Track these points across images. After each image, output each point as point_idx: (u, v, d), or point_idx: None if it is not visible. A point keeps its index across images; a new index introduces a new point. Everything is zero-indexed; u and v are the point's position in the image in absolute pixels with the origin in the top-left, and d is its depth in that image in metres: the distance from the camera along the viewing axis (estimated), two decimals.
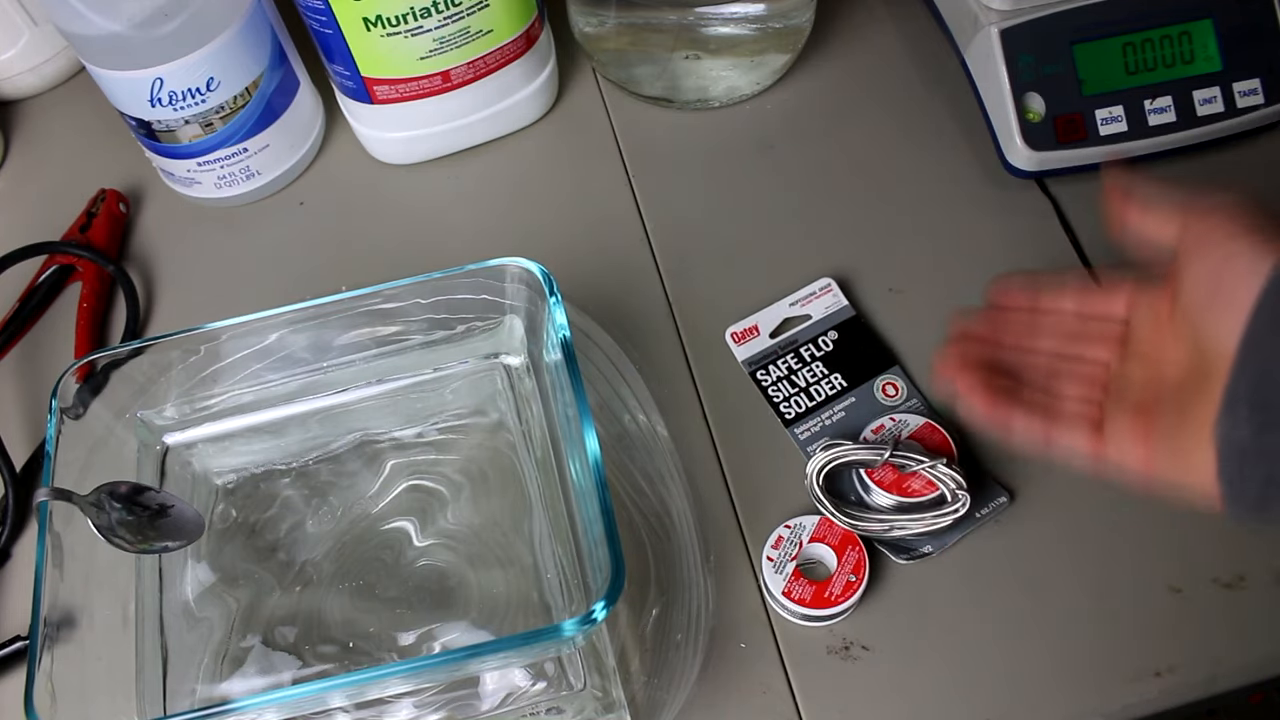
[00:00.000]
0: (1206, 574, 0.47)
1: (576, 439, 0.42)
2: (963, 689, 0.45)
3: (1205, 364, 0.36)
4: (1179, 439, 0.37)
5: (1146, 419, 0.39)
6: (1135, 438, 0.39)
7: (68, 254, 0.60)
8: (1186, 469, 0.37)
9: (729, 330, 0.55)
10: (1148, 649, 0.45)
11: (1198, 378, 0.36)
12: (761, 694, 0.46)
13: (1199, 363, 0.37)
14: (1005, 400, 0.42)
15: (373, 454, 0.50)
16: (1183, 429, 0.37)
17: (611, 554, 0.38)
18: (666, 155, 0.63)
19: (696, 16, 0.61)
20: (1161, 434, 0.38)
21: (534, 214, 0.61)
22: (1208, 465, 0.35)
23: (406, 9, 0.54)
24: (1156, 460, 0.38)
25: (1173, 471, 0.38)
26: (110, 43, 0.53)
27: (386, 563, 0.47)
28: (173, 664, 0.45)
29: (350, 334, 0.49)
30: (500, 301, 0.49)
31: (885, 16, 0.67)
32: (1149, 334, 0.41)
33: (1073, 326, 0.43)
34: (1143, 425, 0.39)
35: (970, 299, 0.56)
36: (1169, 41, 0.56)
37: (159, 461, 0.50)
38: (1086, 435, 0.40)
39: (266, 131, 0.61)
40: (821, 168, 0.61)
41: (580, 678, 0.44)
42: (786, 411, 0.52)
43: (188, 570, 0.47)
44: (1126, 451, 0.39)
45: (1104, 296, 0.43)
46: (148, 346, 0.47)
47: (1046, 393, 0.42)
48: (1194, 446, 0.36)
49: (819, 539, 0.47)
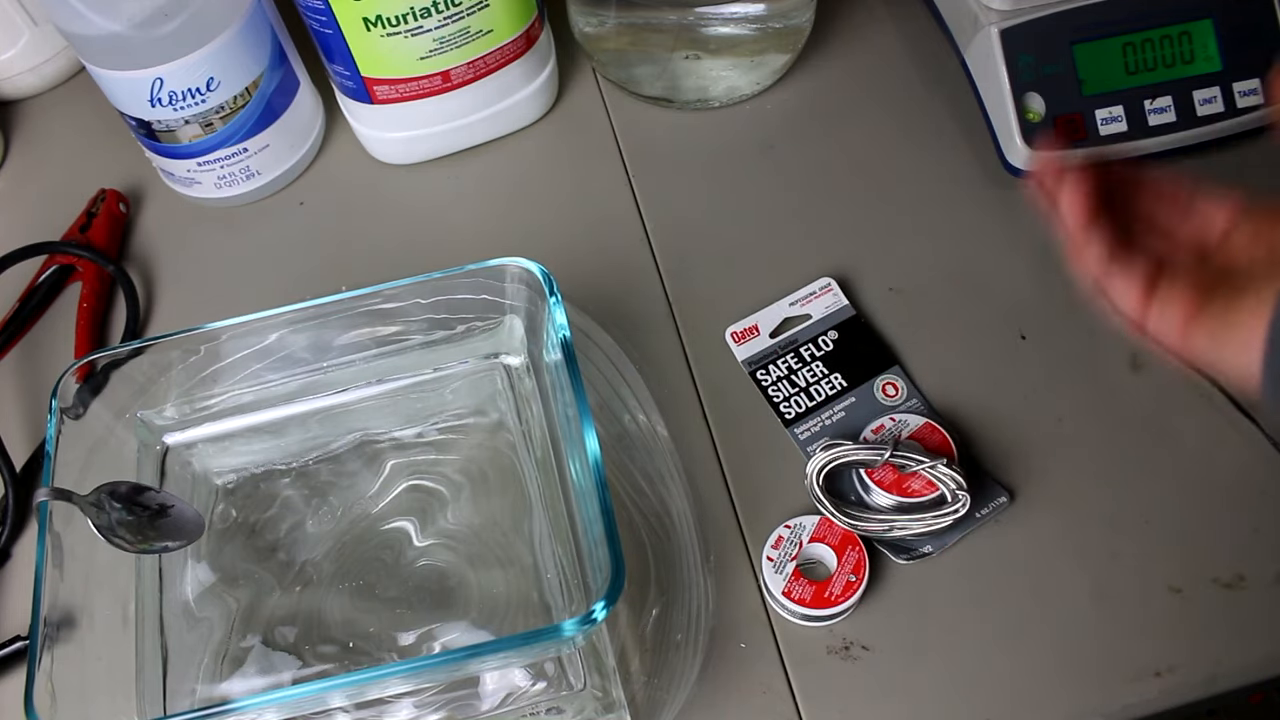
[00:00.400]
0: (1206, 574, 0.47)
1: (576, 439, 0.42)
2: (963, 689, 0.45)
3: None
4: (1228, 313, 0.36)
5: (1200, 294, 0.38)
6: (1183, 307, 0.38)
7: (68, 254, 0.60)
8: (1228, 345, 0.36)
9: (729, 330, 0.55)
10: (1148, 649, 0.45)
11: (1266, 267, 0.36)
12: (761, 694, 0.46)
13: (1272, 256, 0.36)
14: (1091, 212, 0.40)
15: (373, 454, 0.50)
16: (1235, 304, 0.36)
17: (611, 554, 0.38)
18: (666, 155, 0.63)
19: (696, 16, 0.61)
20: (1212, 310, 0.37)
21: (534, 214, 0.61)
22: (1251, 343, 0.35)
23: (406, 9, 0.54)
24: (1199, 332, 0.37)
25: (1211, 346, 0.37)
26: (110, 43, 0.53)
27: (386, 563, 0.47)
28: (173, 664, 0.45)
29: (350, 334, 0.49)
30: (500, 301, 0.49)
31: (885, 16, 0.67)
32: (1242, 244, 0.39)
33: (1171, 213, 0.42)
34: (1195, 299, 0.38)
35: (970, 299, 0.56)
36: (1169, 41, 0.56)
37: (159, 461, 0.50)
38: (1139, 289, 0.39)
39: (266, 131, 0.61)
40: (821, 168, 0.61)
41: (580, 678, 0.44)
42: (786, 411, 0.52)
43: (188, 570, 0.47)
44: (1169, 318, 0.38)
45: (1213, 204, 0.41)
46: (148, 346, 0.47)
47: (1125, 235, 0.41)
48: (1243, 321, 0.35)
49: (819, 539, 0.47)
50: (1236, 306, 0.36)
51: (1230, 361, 0.36)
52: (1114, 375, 0.52)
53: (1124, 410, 0.51)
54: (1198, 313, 0.37)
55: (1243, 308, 0.36)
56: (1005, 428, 0.51)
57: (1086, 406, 0.52)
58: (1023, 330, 0.54)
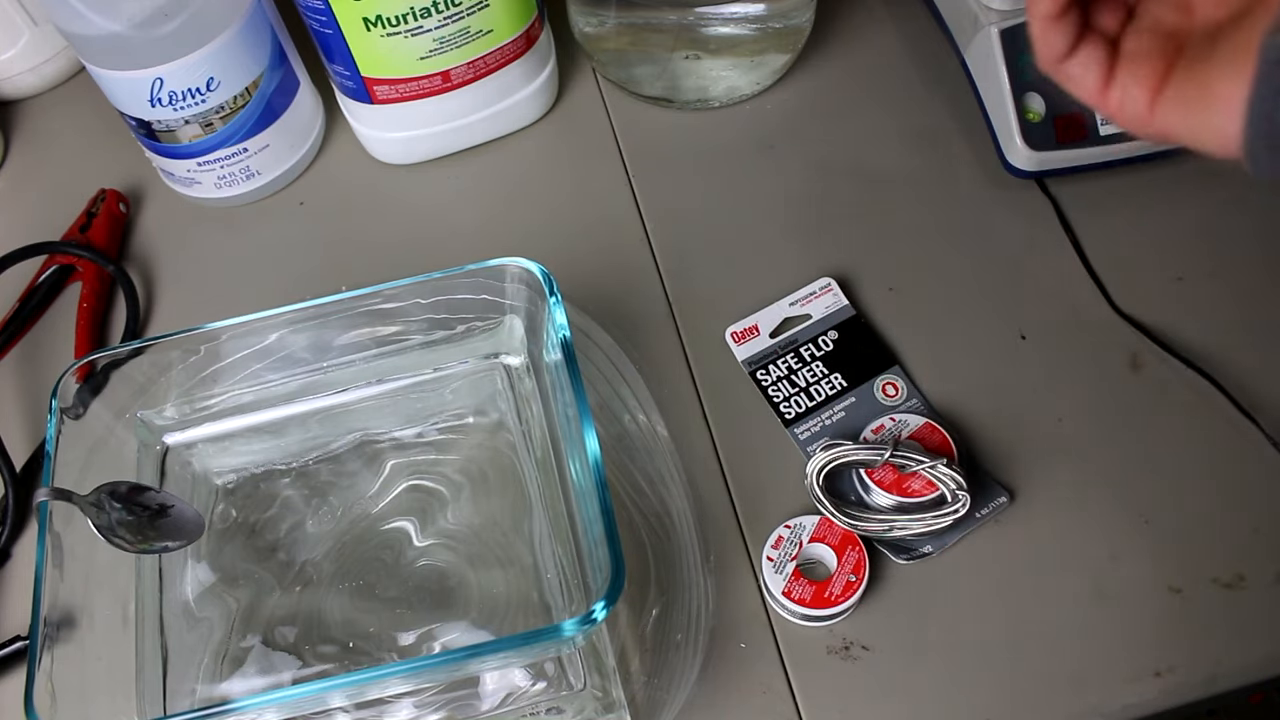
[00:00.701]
0: (1206, 574, 0.47)
1: (576, 439, 0.42)
2: (963, 689, 0.45)
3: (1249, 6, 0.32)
4: (1199, 80, 0.33)
5: (1168, 58, 0.35)
6: (1148, 84, 0.35)
7: (68, 254, 0.60)
8: (1201, 112, 0.33)
9: (729, 330, 0.55)
10: (1148, 649, 0.45)
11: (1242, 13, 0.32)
12: (761, 694, 0.46)
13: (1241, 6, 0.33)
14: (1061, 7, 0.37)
15: (373, 454, 0.50)
16: (1205, 69, 0.33)
17: (611, 554, 0.38)
18: (666, 155, 0.63)
19: (696, 16, 0.61)
20: (1182, 72, 0.34)
21: (534, 214, 0.61)
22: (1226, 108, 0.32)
23: (406, 9, 0.54)
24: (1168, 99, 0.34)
25: (1184, 117, 0.34)
26: (110, 43, 0.53)
27: (386, 563, 0.47)
28: (173, 664, 0.45)
29: (350, 334, 0.49)
30: (500, 301, 0.49)
31: (885, 16, 0.67)
32: None
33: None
34: (1159, 71, 0.35)
35: (970, 299, 0.56)
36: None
37: (159, 461, 0.50)
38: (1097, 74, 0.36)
39: (266, 131, 0.61)
40: (821, 168, 0.61)
41: (580, 678, 0.44)
42: (786, 411, 0.52)
43: (188, 570, 0.47)
44: (1134, 98, 0.35)
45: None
46: (148, 346, 0.47)
47: None
48: (1215, 85, 0.32)
49: (819, 539, 0.47)
50: (1207, 71, 0.33)
51: (1205, 130, 0.33)
52: (1114, 375, 0.52)
53: (1124, 410, 0.51)
54: (1164, 86, 0.35)
55: (1214, 72, 0.33)
56: (1005, 428, 0.51)
57: (1086, 406, 0.52)
58: (1023, 330, 0.54)
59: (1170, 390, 0.52)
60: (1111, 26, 0.37)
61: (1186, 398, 0.51)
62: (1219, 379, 0.51)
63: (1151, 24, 0.36)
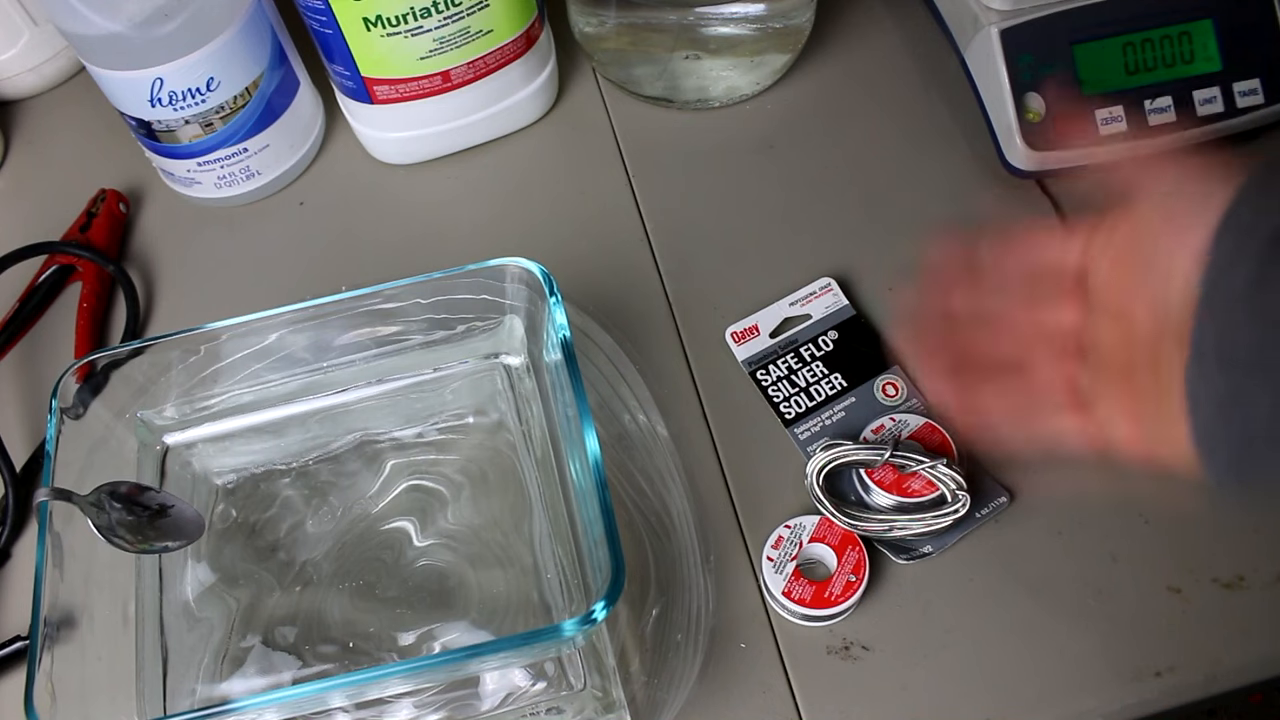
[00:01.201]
0: (1206, 574, 0.47)
1: (576, 439, 0.42)
2: (963, 689, 0.45)
3: (1171, 313, 0.32)
4: (1158, 401, 0.32)
5: (1127, 385, 0.34)
6: (1120, 409, 0.34)
7: (68, 254, 0.60)
8: (1168, 434, 0.32)
9: (729, 330, 0.55)
10: (1148, 649, 0.45)
11: (1167, 329, 0.32)
12: (761, 694, 0.46)
13: (1165, 312, 0.32)
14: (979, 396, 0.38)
15: (373, 454, 0.50)
16: (1159, 389, 0.32)
17: (611, 554, 0.38)
18: (666, 155, 0.63)
19: (696, 16, 0.61)
20: (1142, 400, 0.33)
21: (534, 214, 0.61)
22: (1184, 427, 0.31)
23: (406, 9, 0.54)
24: (1144, 432, 0.34)
25: (1157, 440, 0.33)
26: (110, 43, 0.53)
27: (386, 563, 0.47)
28: (173, 664, 0.45)
29: (350, 334, 0.49)
30: (500, 301, 0.49)
31: (885, 16, 0.67)
32: (1111, 281, 0.35)
33: (1026, 283, 0.38)
34: (1126, 393, 0.34)
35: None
36: (1169, 41, 0.56)
37: (159, 461, 0.50)
38: (1073, 415, 0.36)
39: (266, 131, 0.61)
40: (821, 168, 0.61)
41: (580, 678, 0.44)
42: (786, 411, 0.52)
43: (188, 570, 0.47)
44: (1115, 426, 0.35)
45: (1057, 243, 0.37)
46: (148, 346, 0.47)
47: (1018, 371, 0.37)
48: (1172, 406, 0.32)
49: (819, 539, 0.47)
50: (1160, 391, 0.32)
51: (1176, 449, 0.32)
52: None
53: None
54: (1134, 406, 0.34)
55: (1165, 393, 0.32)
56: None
57: None
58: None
59: None
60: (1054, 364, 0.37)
61: None
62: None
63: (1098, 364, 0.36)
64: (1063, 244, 0.37)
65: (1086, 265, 0.37)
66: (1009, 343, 0.38)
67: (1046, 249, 0.38)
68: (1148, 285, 0.34)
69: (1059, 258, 0.37)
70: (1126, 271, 0.35)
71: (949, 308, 0.39)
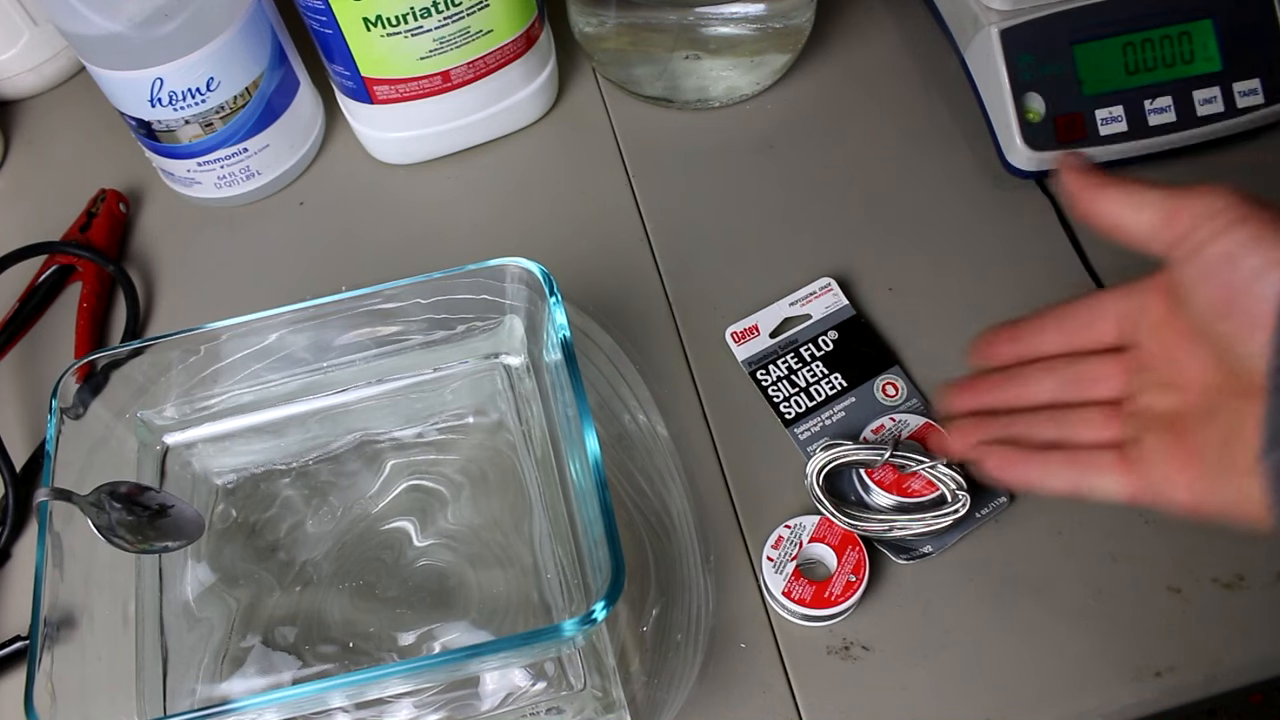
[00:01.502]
0: (1206, 574, 0.47)
1: (576, 439, 0.42)
2: (963, 689, 0.45)
3: (1237, 379, 0.32)
4: (1227, 464, 0.33)
5: (1184, 446, 0.35)
6: (1176, 466, 0.35)
7: (68, 254, 0.60)
8: (1238, 495, 0.33)
9: (729, 330, 0.55)
10: (1148, 649, 0.45)
11: (1233, 395, 0.33)
12: (761, 694, 0.46)
13: (1229, 378, 0.33)
14: (1024, 462, 0.39)
15: (373, 454, 0.50)
16: (1230, 454, 0.33)
17: (611, 554, 0.38)
18: (666, 155, 0.63)
19: (696, 16, 0.61)
20: (1207, 462, 0.34)
21: (534, 214, 0.61)
22: (1258, 490, 0.32)
23: (406, 9, 0.54)
24: (1205, 489, 0.35)
25: (1224, 499, 0.34)
26: (110, 43, 0.53)
27: (386, 563, 0.47)
28: (173, 664, 0.45)
29: (350, 334, 0.49)
30: (500, 301, 0.49)
31: (885, 16, 0.67)
32: (1158, 353, 0.37)
33: (1066, 369, 0.39)
34: (1181, 452, 0.35)
35: (970, 299, 0.56)
36: (1169, 41, 0.56)
37: (159, 461, 0.50)
38: (1118, 473, 0.37)
39: (266, 131, 0.61)
40: (821, 168, 0.61)
41: (580, 678, 0.44)
42: (786, 411, 0.52)
43: (188, 570, 0.47)
44: (1169, 483, 0.36)
45: (1087, 322, 0.39)
46: (148, 346, 0.47)
47: (1062, 444, 0.39)
48: (1243, 470, 0.32)
49: (819, 539, 0.47)
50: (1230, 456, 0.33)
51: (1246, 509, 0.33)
52: None
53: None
54: (1192, 466, 0.35)
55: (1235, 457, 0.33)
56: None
57: None
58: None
59: None
60: (1102, 435, 0.38)
61: None
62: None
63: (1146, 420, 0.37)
64: (1093, 319, 0.38)
65: (1126, 338, 0.38)
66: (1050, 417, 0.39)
67: (1078, 327, 0.39)
68: (1203, 354, 0.34)
69: (1093, 335, 0.38)
70: (1175, 342, 0.36)
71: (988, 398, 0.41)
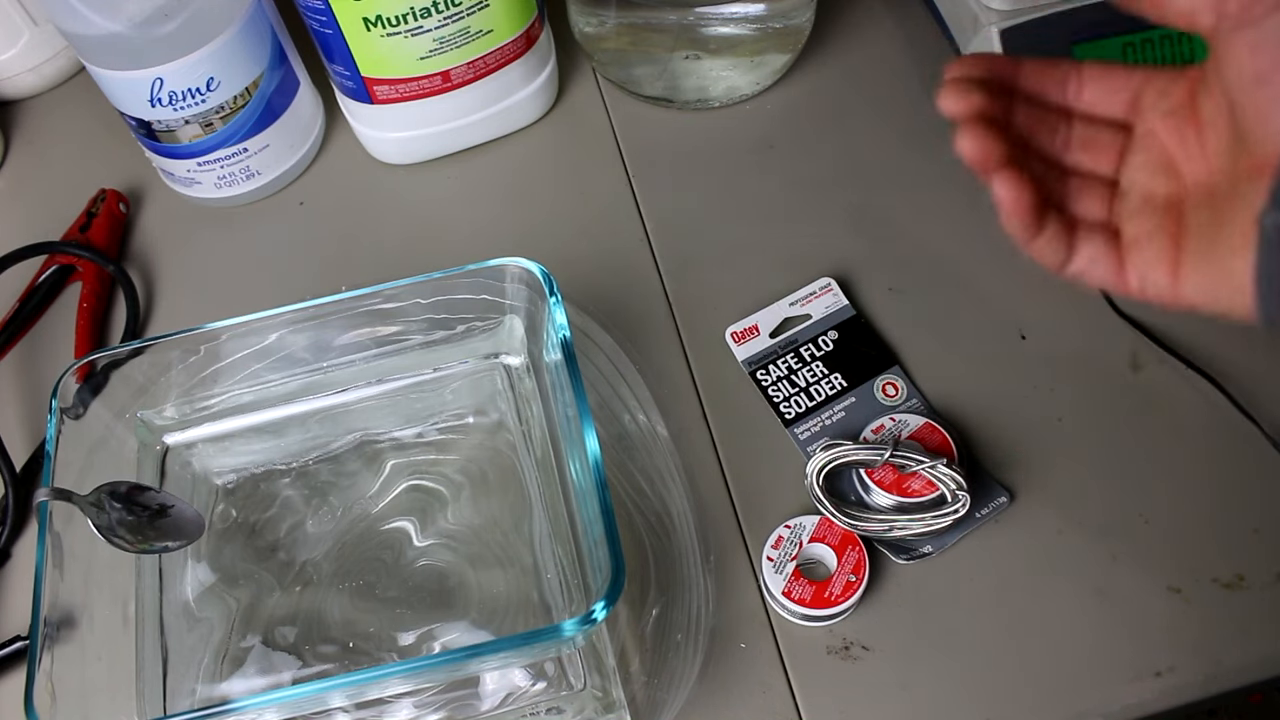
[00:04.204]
0: (1206, 574, 0.47)
1: (576, 439, 0.42)
2: (963, 689, 0.45)
3: (1250, 160, 0.31)
4: (1218, 246, 0.32)
5: (1177, 229, 0.34)
6: (1165, 251, 0.34)
7: (68, 254, 0.60)
8: (1222, 282, 0.32)
9: (729, 330, 0.55)
10: (1148, 649, 0.45)
11: (1238, 178, 0.32)
12: (761, 694, 0.46)
13: (1239, 160, 0.32)
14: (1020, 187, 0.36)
15: (373, 454, 0.50)
16: (1222, 234, 0.32)
17: (611, 554, 0.38)
18: (666, 155, 0.63)
19: (696, 16, 0.61)
20: (1197, 245, 0.33)
21: (534, 214, 0.61)
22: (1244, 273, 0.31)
23: (406, 9, 0.54)
24: (1190, 273, 0.33)
25: (1207, 287, 0.33)
26: (110, 43, 0.53)
27: (386, 563, 0.47)
28: (173, 664, 0.45)
29: (350, 334, 0.49)
30: (500, 301, 0.49)
31: (885, 16, 0.67)
32: (1166, 136, 0.35)
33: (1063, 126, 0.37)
34: (1172, 235, 0.34)
35: (970, 299, 0.56)
36: (1169, 42, 0.56)
37: (159, 461, 0.50)
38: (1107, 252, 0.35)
39: (266, 131, 0.61)
40: (821, 168, 0.61)
41: (580, 678, 0.44)
42: (786, 411, 0.52)
43: (188, 570, 0.47)
44: (1155, 268, 0.34)
45: (1102, 90, 0.36)
46: (148, 346, 0.47)
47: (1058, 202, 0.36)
48: (1235, 249, 0.31)
49: (819, 539, 0.47)
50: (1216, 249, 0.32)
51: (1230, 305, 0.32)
52: (1114, 375, 0.52)
53: (1124, 410, 0.51)
54: (1179, 264, 0.34)
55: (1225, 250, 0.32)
56: (1005, 428, 0.51)
57: (1086, 406, 0.52)
58: (1023, 330, 0.54)
59: (1170, 390, 0.52)
60: (1099, 212, 0.36)
61: (1186, 398, 0.51)
62: (1219, 379, 0.51)
63: (1142, 199, 0.35)
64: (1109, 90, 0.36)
65: (1136, 120, 0.36)
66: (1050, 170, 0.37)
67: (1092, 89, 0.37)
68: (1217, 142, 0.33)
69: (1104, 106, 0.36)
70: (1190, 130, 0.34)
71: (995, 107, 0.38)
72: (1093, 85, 0.37)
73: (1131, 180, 0.36)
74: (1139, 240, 0.35)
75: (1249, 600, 0.46)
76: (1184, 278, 0.34)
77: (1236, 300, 0.32)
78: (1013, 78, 0.38)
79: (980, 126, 0.37)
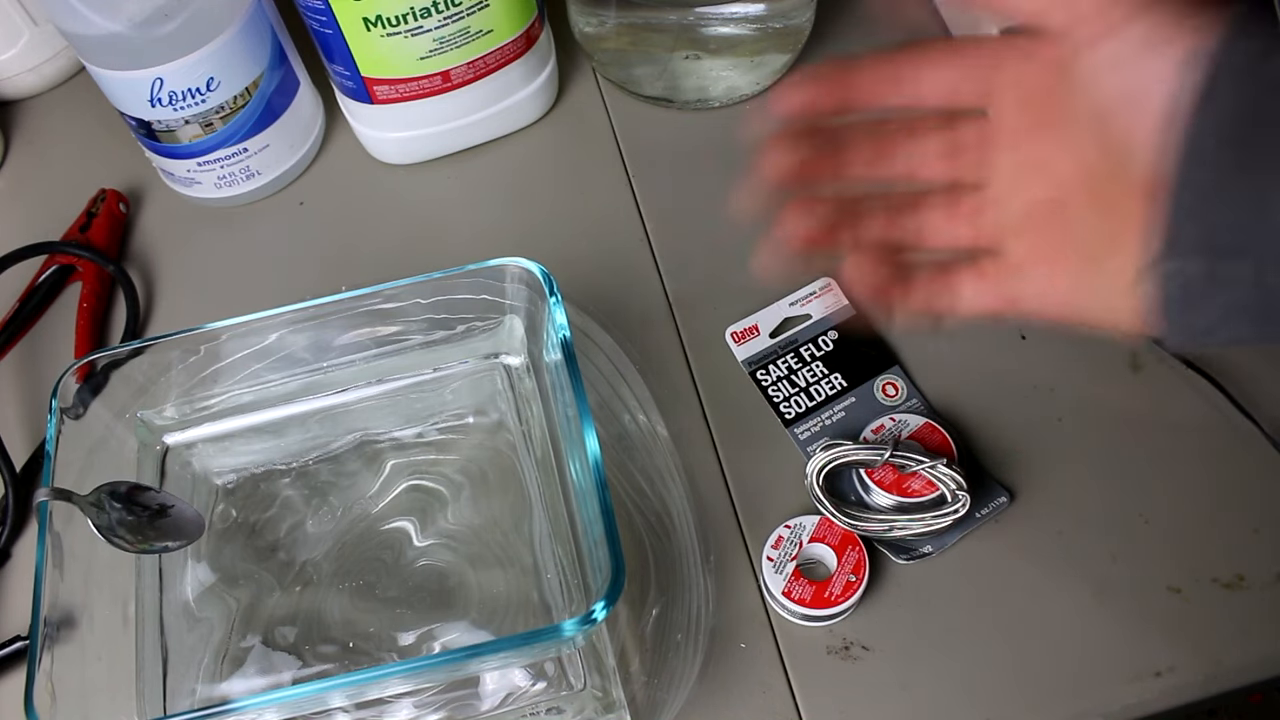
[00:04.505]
0: (1206, 574, 0.47)
1: (576, 439, 0.42)
2: (963, 689, 0.45)
3: (1126, 173, 0.28)
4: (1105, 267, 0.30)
5: (1056, 244, 0.31)
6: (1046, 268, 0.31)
7: (68, 254, 0.60)
8: (1115, 301, 0.30)
9: (729, 330, 0.55)
10: (1148, 649, 0.45)
11: (1119, 191, 0.29)
12: (761, 694, 0.46)
13: (1115, 169, 0.29)
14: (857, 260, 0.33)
15: (373, 454, 0.50)
16: (1110, 254, 0.29)
17: (611, 554, 0.38)
18: (666, 155, 0.63)
19: (696, 16, 0.61)
20: (1081, 264, 0.31)
21: (534, 214, 0.61)
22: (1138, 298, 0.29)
23: (406, 9, 0.54)
24: (1077, 296, 0.31)
25: (1099, 304, 0.31)
26: (110, 43, 0.53)
27: (386, 563, 0.47)
28: (173, 664, 0.45)
29: (350, 334, 0.49)
30: (500, 301, 0.49)
31: (885, 16, 0.67)
32: (1029, 129, 0.32)
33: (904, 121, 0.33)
34: (1053, 252, 0.31)
35: None
36: None
37: (159, 461, 0.50)
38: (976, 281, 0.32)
39: (266, 131, 0.61)
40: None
41: (580, 678, 0.44)
42: (786, 411, 0.52)
43: (188, 570, 0.47)
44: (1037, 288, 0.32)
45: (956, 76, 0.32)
46: (148, 346, 0.47)
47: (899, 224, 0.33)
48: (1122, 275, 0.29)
49: (819, 539, 0.47)
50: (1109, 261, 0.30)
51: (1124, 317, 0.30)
52: (1114, 375, 0.52)
53: (1124, 410, 0.51)
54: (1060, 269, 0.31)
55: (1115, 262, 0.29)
56: (1005, 428, 0.51)
57: (1086, 406, 0.52)
58: (1022, 330, 0.54)
59: (1170, 390, 0.52)
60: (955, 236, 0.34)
61: (1186, 398, 0.51)
62: (1219, 379, 0.51)
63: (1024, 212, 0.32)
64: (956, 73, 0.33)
65: (985, 103, 0.32)
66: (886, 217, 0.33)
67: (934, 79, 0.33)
68: (1075, 135, 0.30)
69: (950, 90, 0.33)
70: (1050, 122, 0.31)
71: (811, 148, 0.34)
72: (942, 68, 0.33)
73: (1004, 189, 0.33)
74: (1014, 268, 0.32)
75: (1249, 600, 0.46)
76: (1075, 297, 0.31)
77: (1131, 322, 0.30)
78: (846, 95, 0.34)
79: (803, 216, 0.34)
